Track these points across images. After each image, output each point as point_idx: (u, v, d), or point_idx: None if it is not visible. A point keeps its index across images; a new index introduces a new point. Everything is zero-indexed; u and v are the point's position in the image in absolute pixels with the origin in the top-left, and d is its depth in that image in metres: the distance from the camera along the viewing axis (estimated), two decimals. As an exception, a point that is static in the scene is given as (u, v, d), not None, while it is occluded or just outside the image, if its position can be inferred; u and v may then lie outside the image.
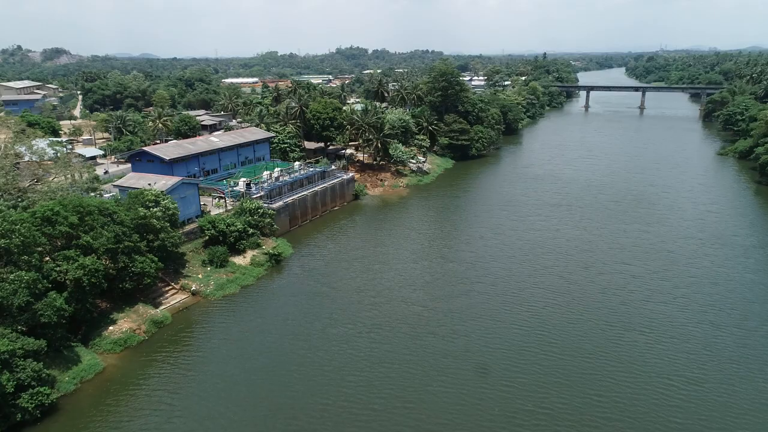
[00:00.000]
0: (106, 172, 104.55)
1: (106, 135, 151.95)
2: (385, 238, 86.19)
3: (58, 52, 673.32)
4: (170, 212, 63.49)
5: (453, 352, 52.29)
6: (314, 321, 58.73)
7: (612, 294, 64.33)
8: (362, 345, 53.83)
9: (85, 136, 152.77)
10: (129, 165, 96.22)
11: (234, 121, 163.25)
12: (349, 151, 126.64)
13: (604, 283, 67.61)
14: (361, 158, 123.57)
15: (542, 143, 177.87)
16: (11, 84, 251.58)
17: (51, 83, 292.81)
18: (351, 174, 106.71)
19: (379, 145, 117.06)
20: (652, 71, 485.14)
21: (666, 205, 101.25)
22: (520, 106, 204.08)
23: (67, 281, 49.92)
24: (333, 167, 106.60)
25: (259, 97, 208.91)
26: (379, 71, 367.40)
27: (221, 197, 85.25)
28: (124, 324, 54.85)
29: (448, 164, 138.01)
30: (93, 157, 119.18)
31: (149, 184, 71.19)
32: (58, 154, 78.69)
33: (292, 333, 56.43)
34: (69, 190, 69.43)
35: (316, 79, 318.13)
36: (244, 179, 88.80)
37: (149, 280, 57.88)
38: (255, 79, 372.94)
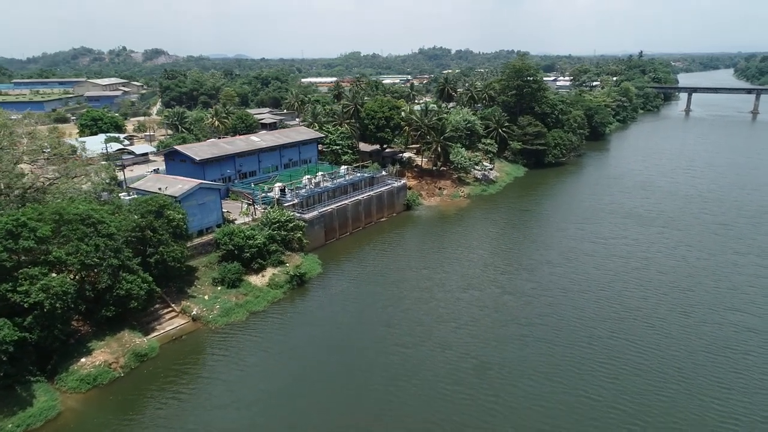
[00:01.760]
0: (156, 170, 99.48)
1: (169, 132, 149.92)
2: (432, 257, 73.65)
3: (157, 52, 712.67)
4: (174, 223, 54.76)
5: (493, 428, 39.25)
6: (324, 364, 47.66)
7: (722, 356, 48.19)
8: (371, 405, 42.04)
9: (148, 133, 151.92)
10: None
11: (297, 120, 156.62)
12: (407, 154, 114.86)
13: (709, 337, 51.38)
14: (420, 163, 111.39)
15: (633, 150, 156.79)
16: (98, 81, 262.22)
17: (137, 81, 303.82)
18: (403, 181, 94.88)
19: (439, 149, 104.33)
20: (766, 72, 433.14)
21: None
22: (608, 109, 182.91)
23: (26, 305, 41.96)
24: (384, 173, 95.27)
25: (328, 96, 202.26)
26: (457, 71, 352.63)
27: (251, 203, 76.49)
28: (100, 355, 46.44)
29: (519, 172, 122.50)
30: (145, 154, 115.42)
31: (159, 189, 63.38)
32: (81, 152, 72.88)
33: (295, 377, 45.76)
34: (79, 192, 62.94)
35: (393, 79, 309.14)
36: (280, 184, 79.64)
37: (136, 304, 49.20)
38: (333, 79, 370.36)
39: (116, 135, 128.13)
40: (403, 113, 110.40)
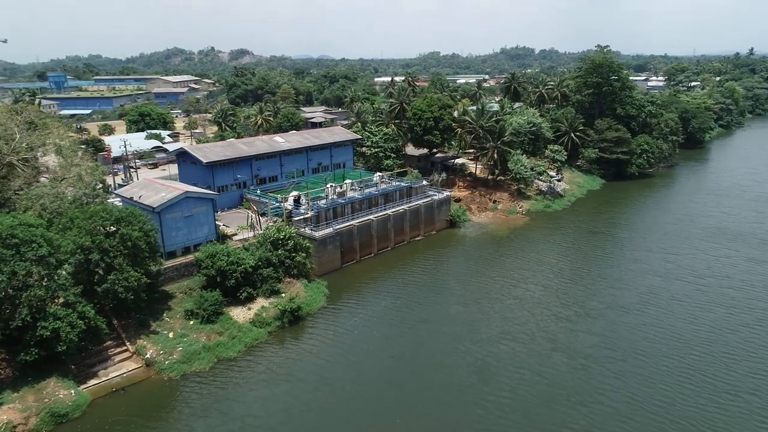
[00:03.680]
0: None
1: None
2: (470, 290, 59.11)
3: (242, 52, 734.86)
4: (130, 243, 44.21)
5: None
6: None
7: None
8: None
9: (198, 130, 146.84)
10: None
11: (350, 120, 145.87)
12: (461, 160, 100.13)
13: None
14: (475, 171, 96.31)
15: (739, 161, 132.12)
16: (169, 78, 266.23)
17: (209, 79, 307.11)
18: (446, 193, 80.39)
19: (496, 155, 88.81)
20: None
21: None
22: (709, 112, 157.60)
23: None
24: (424, 182, 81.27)
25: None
26: (537, 70, 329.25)
27: (261, 214, 65.55)
28: (6, 413, 36.46)
29: (594, 185, 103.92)
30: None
31: (139, 197, 53.53)
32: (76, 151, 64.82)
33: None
34: (58, 196, 54.36)
35: (468, 79, 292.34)
36: (295, 193, 68.18)
37: (64, 347, 38.92)
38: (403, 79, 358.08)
39: (157, 132, 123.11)
40: (455, 113, 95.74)
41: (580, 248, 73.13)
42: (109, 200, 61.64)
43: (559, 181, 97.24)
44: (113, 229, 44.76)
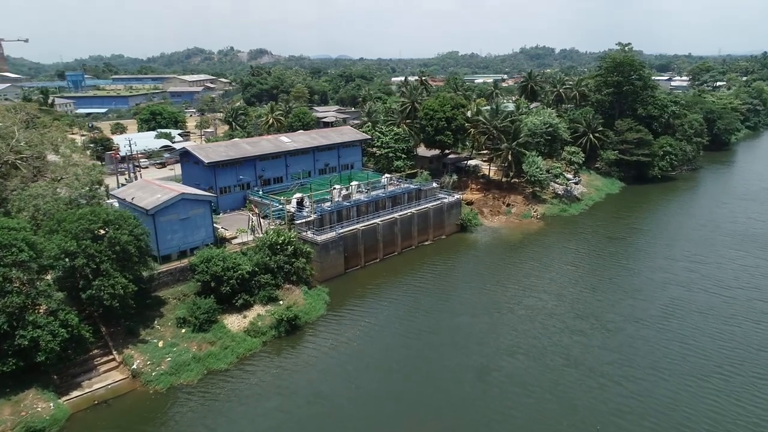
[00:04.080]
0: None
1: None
2: (480, 298, 55.99)
3: (261, 52, 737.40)
4: (119, 248, 42.07)
5: None
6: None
7: None
8: None
9: (210, 129, 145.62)
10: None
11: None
12: (474, 162, 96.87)
13: None
14: (488, 172, 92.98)
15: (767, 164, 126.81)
16: (185, 77, 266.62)
17: (226, 78, 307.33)
18: (456, 196, 77.22)
19: (510, 156, 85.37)
20: None
21: None
22: (736, 113, 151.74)
23: None
24: (434, 184, 78.27)
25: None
26: (556, 70, 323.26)
27: (263, 217, 63.27)
28: (-21, 428, 34.52)
29: (614, 188, 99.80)
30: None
31: (130, 199, 51.53)
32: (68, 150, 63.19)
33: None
34: (53, 197, 52.69)
35: (486, 78, 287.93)
36: (299, 195, 65.82)
37: (44, 358, 36.90)
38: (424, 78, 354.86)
39: (167, 131, 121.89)
40: (469, 113, 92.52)
41: (597, 255, 69.46)
42: (108, 201, 60.15)
43: (576, 184, 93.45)
44: (103, 232, 42.68)
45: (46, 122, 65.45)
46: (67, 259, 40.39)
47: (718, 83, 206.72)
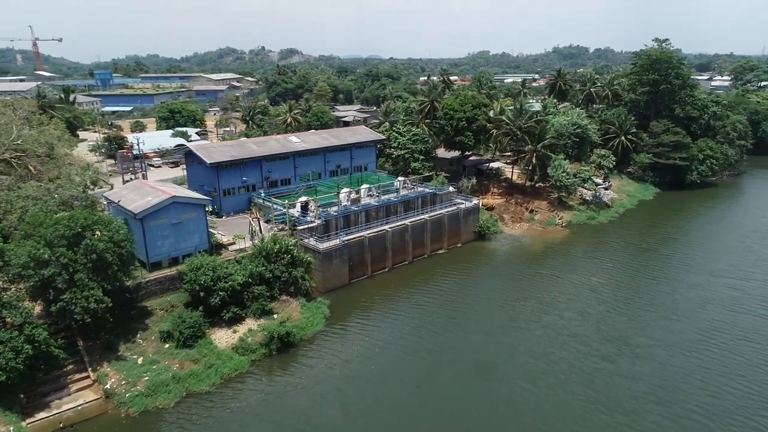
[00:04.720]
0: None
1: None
2: (495, 315, 51.10)
3: (291, 52, 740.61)
4: (95, 256, 38.72)
5: None
6: None
7: None
8: None
9: (229, 128, 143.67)
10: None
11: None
12: (496, 164, 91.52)
13: None
14: (511, 176, 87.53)
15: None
16: (211, 76, 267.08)
17: (252, 77, 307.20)
18: (474, 201, 72.24)
19: (534, 159, 79.82)
20: None
21: None
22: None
23: None
24: (450, 188, 73.39)
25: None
26: (589, 69, 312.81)
27: (267, 221, 59.64)
28: (-72, 453, 31.49)
29: (647, 194, 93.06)
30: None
31: (117, 201, 48.39)
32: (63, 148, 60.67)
33: None
34: (42, 199, 50.04)
35: (516, 78, 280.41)
36: (304, 198, 61.95)
37: (4, 378, 33.74)
38: (453, 78, 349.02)
39: (184, 129, 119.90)
40: (491, 113, 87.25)
41: (627, 268, 63.59)
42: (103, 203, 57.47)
43: (606, 189, 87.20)
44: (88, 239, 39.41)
45: (43, 120, 62.88)
46: (35, 269, 37.11)
47: (763, 83, 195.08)
